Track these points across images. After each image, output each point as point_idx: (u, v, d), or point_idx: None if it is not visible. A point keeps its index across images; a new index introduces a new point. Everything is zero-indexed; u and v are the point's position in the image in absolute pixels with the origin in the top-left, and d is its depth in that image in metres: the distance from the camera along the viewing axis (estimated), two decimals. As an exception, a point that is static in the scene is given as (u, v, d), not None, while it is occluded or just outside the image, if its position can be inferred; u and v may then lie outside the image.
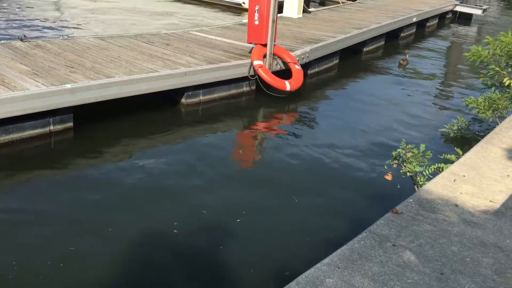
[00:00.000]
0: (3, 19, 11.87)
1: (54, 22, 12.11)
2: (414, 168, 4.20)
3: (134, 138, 5.98)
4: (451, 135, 6.74)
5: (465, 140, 6.49)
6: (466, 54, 7.23)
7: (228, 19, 14.27)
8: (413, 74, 10.39)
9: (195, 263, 3.87)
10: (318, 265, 2.43)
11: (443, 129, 6.83)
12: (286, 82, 7.72)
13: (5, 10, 12.85)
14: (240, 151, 6.24)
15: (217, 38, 9.12)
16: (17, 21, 11.74)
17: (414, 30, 14.85)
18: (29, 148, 5.48)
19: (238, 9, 15.98)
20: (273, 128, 7.13)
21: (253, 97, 7.89)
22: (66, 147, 5.71)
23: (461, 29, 16.89)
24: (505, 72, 6.52)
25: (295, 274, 2.39)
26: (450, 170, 3.72)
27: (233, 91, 7.71)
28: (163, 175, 5.20)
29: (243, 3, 15.61)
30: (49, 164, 5.29)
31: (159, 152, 5.73)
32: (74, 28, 11.57)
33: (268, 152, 6.17)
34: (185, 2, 16.68)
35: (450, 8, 17.84)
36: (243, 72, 7.63)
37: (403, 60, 11.12)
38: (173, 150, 5.86)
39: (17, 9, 13.13)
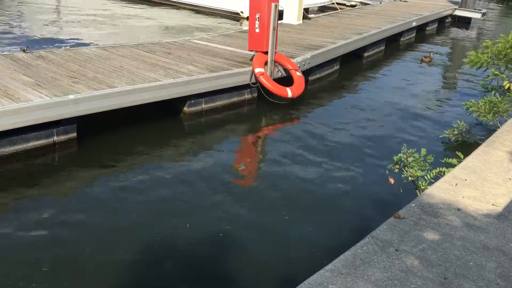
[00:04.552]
0: (5, 30, 11.96)
1: (56, 32, 12.20)
2: (416, 172, 4.22)
3: (137, 148, 6.01)
4: (452, 139, 6.75)
5: (466, 144, 6.50)
6: (465, 60, 7.26)
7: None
8: (413, 78, 10.41)
9: (198, 273, 3.89)
10: (321, 271, 2.44)
11: (444, 133, 6.84)
12: (288, 89, 7.76)
13: (6, 21, 12.95)
14: (243, 160, 6.26)
15: (218, 46, 9.18)
16: (19, 32, 11.83)
17: (414, 34, 14.91)
18: (33, 159, 5.50)
19: (236, 18, 16.07)
20: (275, 135, 7.16)
21: (255, 105, 7.92)
22: (70, 158, 5.75)
23: (461, 33, 16.94)
24: (504, 76, 6.55)
25: (298, 280, 2.40)
26: (451, 174, 3.73)
27: (235, 99, 7.74)
28: (166, 185, 5.22)
29: (241, 12, 15.69)
30: (53, 174, 5.32)
31: (162, 162, 5.76)
32: (76, 38, 11.65)
33: (271, 160, 6.19)
34: (181, 9, 16.78)
35: (450, 12, 17.91)
36: (244, 79, 7.66)
37: (425, 57, 11.81)
38: (176, 160, 5.88)
39: (18, 20, 13.24)
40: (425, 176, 4.18)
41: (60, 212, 4.57)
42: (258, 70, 7.60)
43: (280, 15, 9.54)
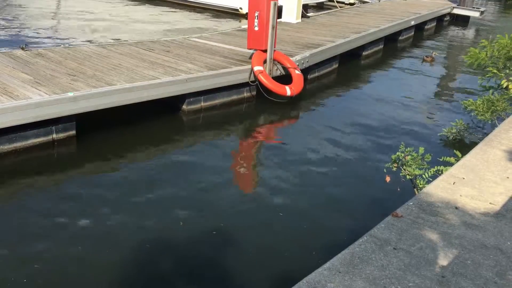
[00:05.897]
0: (4, 28, 11.93)
1: (55, 30, 12.18)
2: (414, 171, 4.23)
3: (135, 146, 6.02)
4: (450, 137, 6.77)
5: (464, 143, 6.53)
6: (464, 56, 7.28)
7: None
8: (411, 77, 10.43)
9: (194, 269, 3.90)
10: (319, 269, 2.45)
11: (442, 132, 6.86)
12: (287, 87, 7.76)
13: (5, 19, 12.92)
14: (241, 158, 6.27)
15: (217, 44, 9.17)
16: (18, 30, 11.80)
17: (413, 33, 14.92)
18: (32, 156, 5.51)
19: (235, 15, 16.05)
20: (273, 133, 7.17)
21: (254, 103, 7.93)
22: (69, 155, 5.75)
23: (459, 32, 16.96)
24: (503, 74, 6.56)
25: (296, 279, 2.41)
26: (449, 173, 3.74)
27: (234, 97, 7.75)
28: (165, 182, 5.23)
29: (241, 8, 15.66)
30: (52, 172, 5.32)
31: (161, 160, 5.77)
32: (75, 36, 11.63)
33: (269, 158, 6.20)
34: (179, 8, 16.75)
35: (448, 11, 17.92)
36: (243, 78, 7.67)
37: (427, 57, 11.84)
38: (175, 158, 5.89)
39: (17, 18, 13.21)
40: (423, 175, 4.19)
41: (58, 209, 4.57)
42: (257, 68, 7.60)
43: (279, 13, 9.53)
